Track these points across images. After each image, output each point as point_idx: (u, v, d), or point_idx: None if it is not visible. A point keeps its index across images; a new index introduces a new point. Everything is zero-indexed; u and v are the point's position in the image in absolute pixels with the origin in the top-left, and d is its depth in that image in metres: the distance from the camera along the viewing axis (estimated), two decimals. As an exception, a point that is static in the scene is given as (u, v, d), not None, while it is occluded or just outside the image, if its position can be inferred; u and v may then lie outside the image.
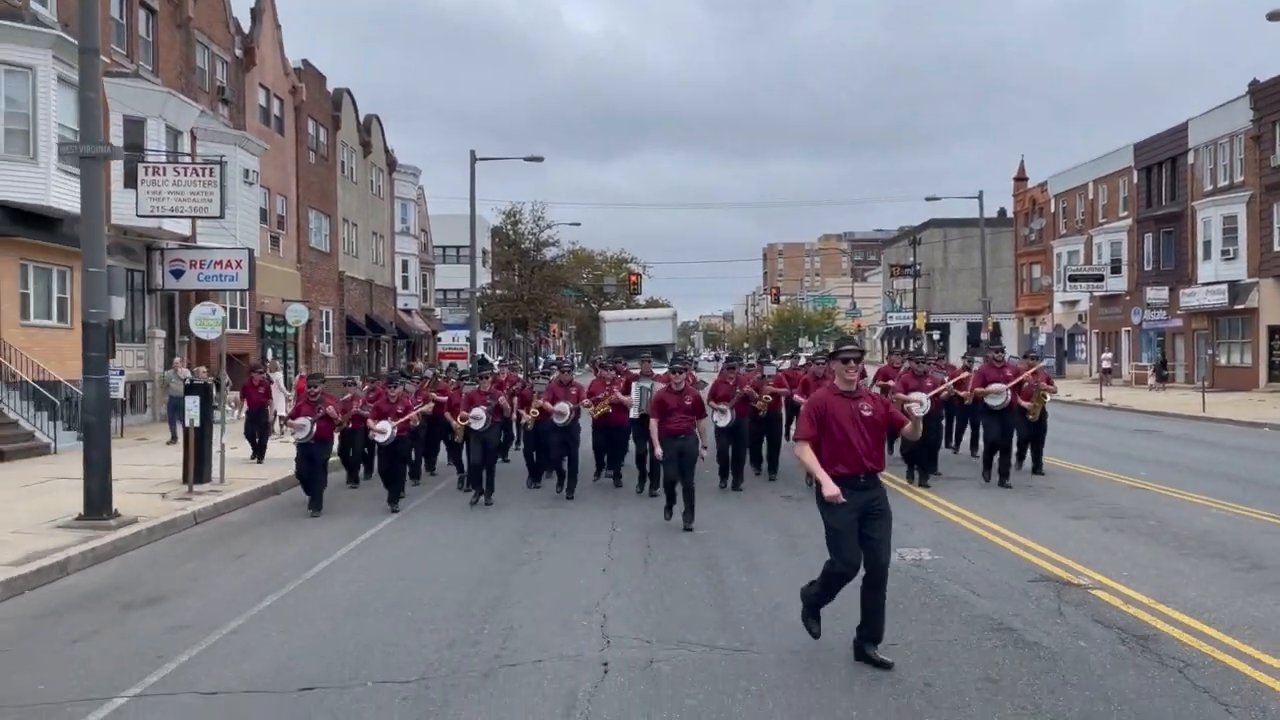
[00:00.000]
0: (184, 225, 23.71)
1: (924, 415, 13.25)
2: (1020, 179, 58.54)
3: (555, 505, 12.63)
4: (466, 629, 7.05)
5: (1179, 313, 39.60)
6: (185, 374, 20.81)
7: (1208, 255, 37.45)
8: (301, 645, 6.79)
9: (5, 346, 18.99)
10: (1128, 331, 44.62)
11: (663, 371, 14.02)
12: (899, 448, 14.02)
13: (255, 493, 13.95)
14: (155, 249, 24.95)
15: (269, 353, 31.63)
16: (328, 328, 38.89)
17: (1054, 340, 52.83)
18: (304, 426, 12.53)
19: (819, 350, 19.05)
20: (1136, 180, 44.16)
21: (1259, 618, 6.91)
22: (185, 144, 24.65)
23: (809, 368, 15.39)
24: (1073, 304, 49.73)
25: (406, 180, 50.47)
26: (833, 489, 6.00)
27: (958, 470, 14.82)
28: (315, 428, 12.58)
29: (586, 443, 13.89)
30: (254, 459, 16.99)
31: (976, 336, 51.14)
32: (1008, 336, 54.09)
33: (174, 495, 13.16)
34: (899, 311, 66.41)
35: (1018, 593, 7.71)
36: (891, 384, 14.11)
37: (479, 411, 12.73)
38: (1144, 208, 43.27)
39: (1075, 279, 45.04)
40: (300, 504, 12.68)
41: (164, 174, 18.71)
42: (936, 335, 62.83)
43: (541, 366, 23.31)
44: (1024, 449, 14.25)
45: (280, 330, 33.30)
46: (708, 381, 15.53)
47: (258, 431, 17.53)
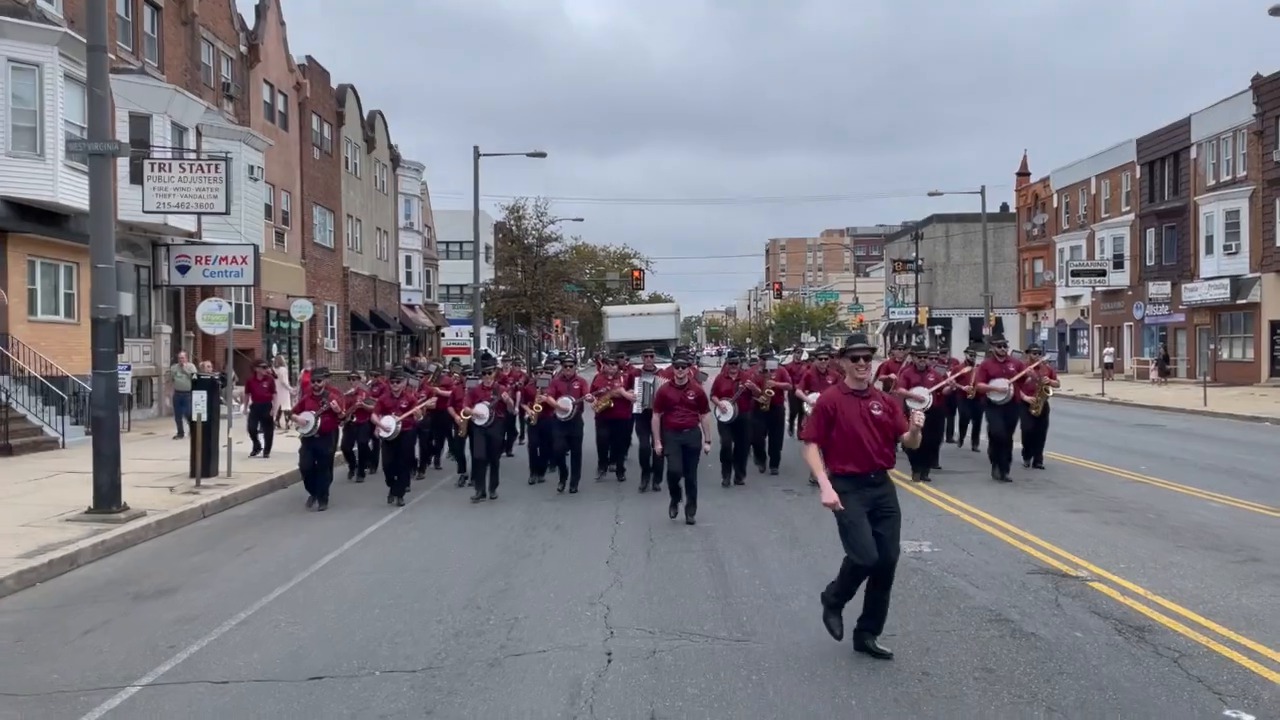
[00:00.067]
0: (189, 221, 23.81)
1: (926, 410, 13.41)
2: (1023, 174, 58.53)
3: (559, 499, 12.72)
4: (472, 620, 7.16)
5: (1181, 308, 39.62)
6: (191, 369, 20.93)
7: (1210, 250, 37.46)
8: (310, 635, 6.90)
9: (13, 342, 19.10)
10: (1130, 326, 44.64)
11: (665, 366, 14.12)
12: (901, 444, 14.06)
13: (262, 486, 14.08)
14: (161, 245, 25.06)
15: (274, 348, 31.78)
16: (332, 323, 39.03)
17: (1056, 335, 52.84)
18: (308, 421, 12.60)
19: (822, 345, 19.12)
20: (1139, 175, 44.15)
21: (1254, 609, 7.01)
22: (190, 140, 24.73)
23: (811, 362, 15.45)
24: (1075, 299, 49.75)
25: (410, 176, 50.54)
26: (831, 496, 6.05)
27: (959, 464, 14.91)
28: (320, 422, 12.65)
29: (590, 437, 13.96)
30: (254, 455, 17.03)
31: (979, 331, 51.12)
32: (1010, 331, 54.12)
33: (182, 489, 13.28)
34: (901, 306, 66.43)
35: (1016, 584, 7.80)
36: (894, 378, 14.15)
37: (482, 408, 12.78)
38: (1146, 202, 43.27)
39: (1077, 274, 45.02)
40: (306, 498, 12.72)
41: (170, 170, 18.71)
42: (939, 330, 62.79)
43: (544, 361, 23.42)
44: (1027, 443, 14.32)
45: (285, 325, 33.44)
46: (708, 373, 15.59)
47: (263, 426, 17.66)
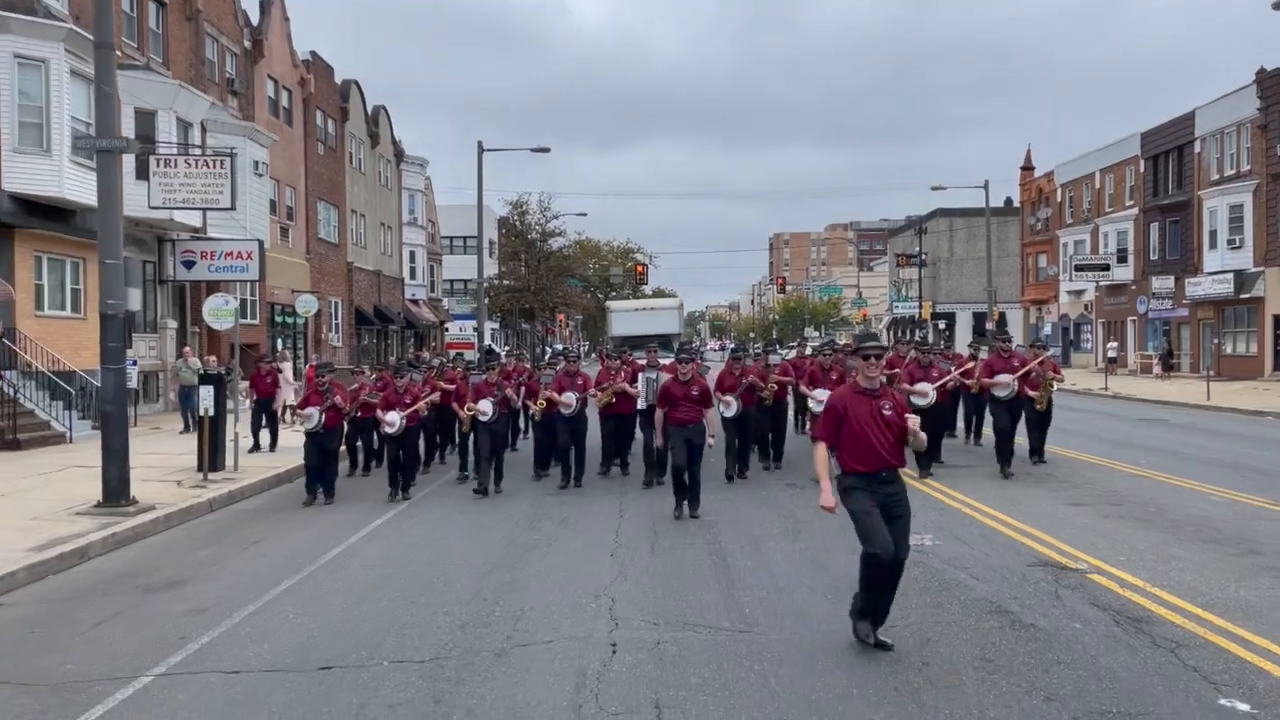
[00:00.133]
0: (195, 217, 23.91)
1: (930, 405, 13.46)
2: (1027, 168, 58.48)
3: (563, 493, 12.79)
4: (478, 611, 7.25)
5: (1185, 302, 39.61)
6: (195, 364, 21.05)
7: (1214, 244, 37.45)
8: (319, 627, 6.99)
9: (20, 337, 19.21)
10: (1133, 321, 44.64)
11: (669, 361, 14.17)
12: None
13: (269, 480, 14.18)
14: (166, 240, 25.19)
15: (279, 343, 31.89)
16: (336, 318, 39.15)
17: (1060, 330, 52.85)
18: (312, 416, 12.64)
19: (825, 340, 19.18)
20: (1143, 169, 44.11)
21: (1251, 601, 7.08)
22: (195, 136, 24.84)
23: (815, 358, 15.49)
24: (1079, 293, 49.74)
25: (414, 171, 50.64)
26: (828, 500, 6.15)
27: (962, 459, 14.97)
28: (324, 418, 12.68)
29: (594, 433, 14.03)
30: (253, 451, 16.73)
31: (982, 326, 51.16)
32: (1013, 326, 54.08)
33: (189, 483, 13.39)
34: (905, 301, 66.35)
35: (1016, 577, 7.88)
36: (898, 373, 14.14)
37: (485, 404, 12.84)
38: (1150, 197, 43.24)
39: (1081, 268, 45.06)
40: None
41: (175, 166, 18.90)
42: (942, 325, 62.79)
43: (548, 356, 23.48)
44: (1031, 438, 14.28)
45: (290, 321, 33.56)
46: (710, 366, 15.62)
47: (267, 421, 17.68)
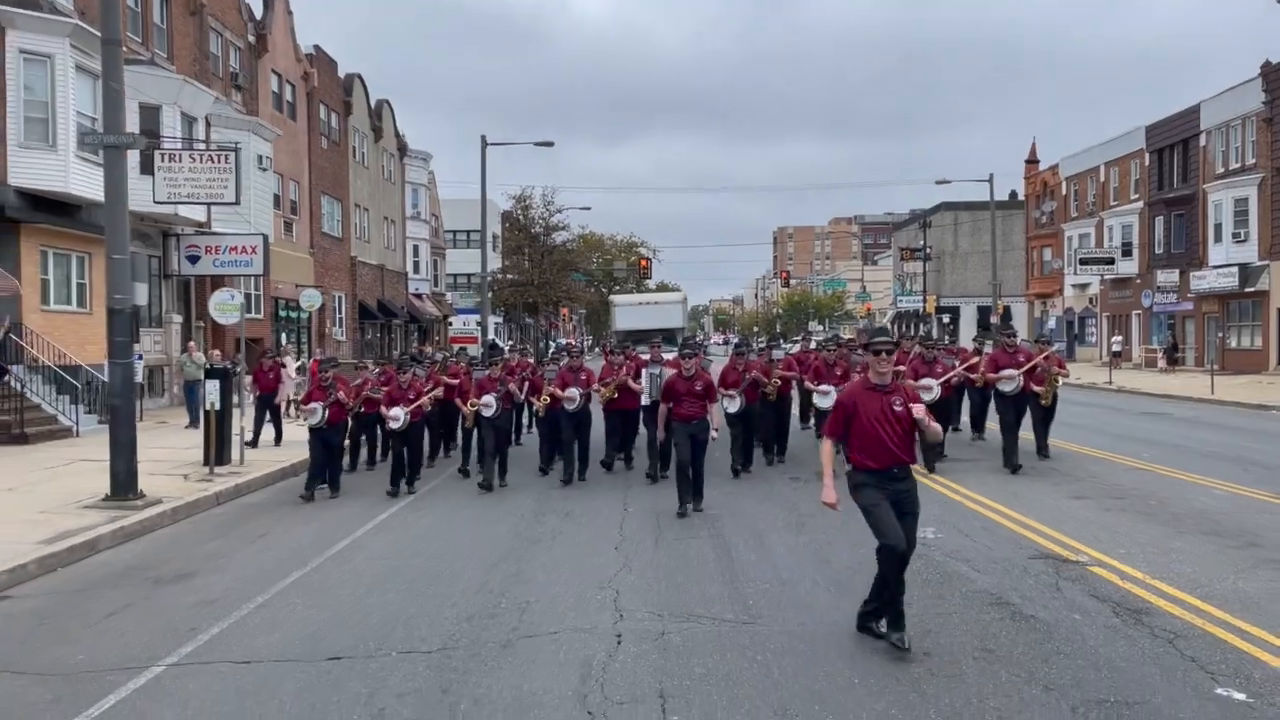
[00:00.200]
0: (199, 211, 23.96)
1: (934, 401, 13.48)
2: (1031, 161, 58.41)
3: (567, 488, 12.83)
4: (485, 603, 7.32)
5: (1189, 296, 39.59)
6: (200, 358, 21.15)
7: (1219, 238, 37.41)
8: (327, 618, 7.07)
9: (27, 332, 19.32)
10: (1138, 315, 44.63)
11: (672, 356, 14.20)
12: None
13: (274, 474, 14.27)
14: (171, 235, 25.26)
15: (283, 337, 31.98)
16: (340, 312, 39.24)
17: (1064, 323, 52.83)
18: (316, 411, 12.63)
19: (829, 335, 19.20)
20: (1148, 163, 44.06)
21: (1250, 592, 7.14)
22: (200, 130, 24.92)
23: (819, 352, 15.53)
24: (1083, 287, 49.71)
25: (417, 165, 50.66)
26: (830, 496, 6.17)
27: (965, 453, 15.02)
28: (327, 413, 12.67)
29: (598, 428, 14.07)
30: (253, 445, 16.62)
31: (987, 320, 51.13)
32: (1018, 320, 54.12)
33: (196, 477, 13.48)
34: (909, 295, 66.35)
35: (1017, 569, 7.94)
36: (902, 369, 14.14)
37: (489, 399, 12.91)
38: (1155, 190, 43.19)
39: (1086, 262, 45.01)
40: (319, 484, 12.66)
41: (180, 161, 18.99)
42: (946, 319, 62.82)
43: (552, 351, 23.56)
44: (1037, 433, 14.27)
45: (294, 315, 33.66)
46: (713, 359, 15.62)
47: (271, 416, 17.72)
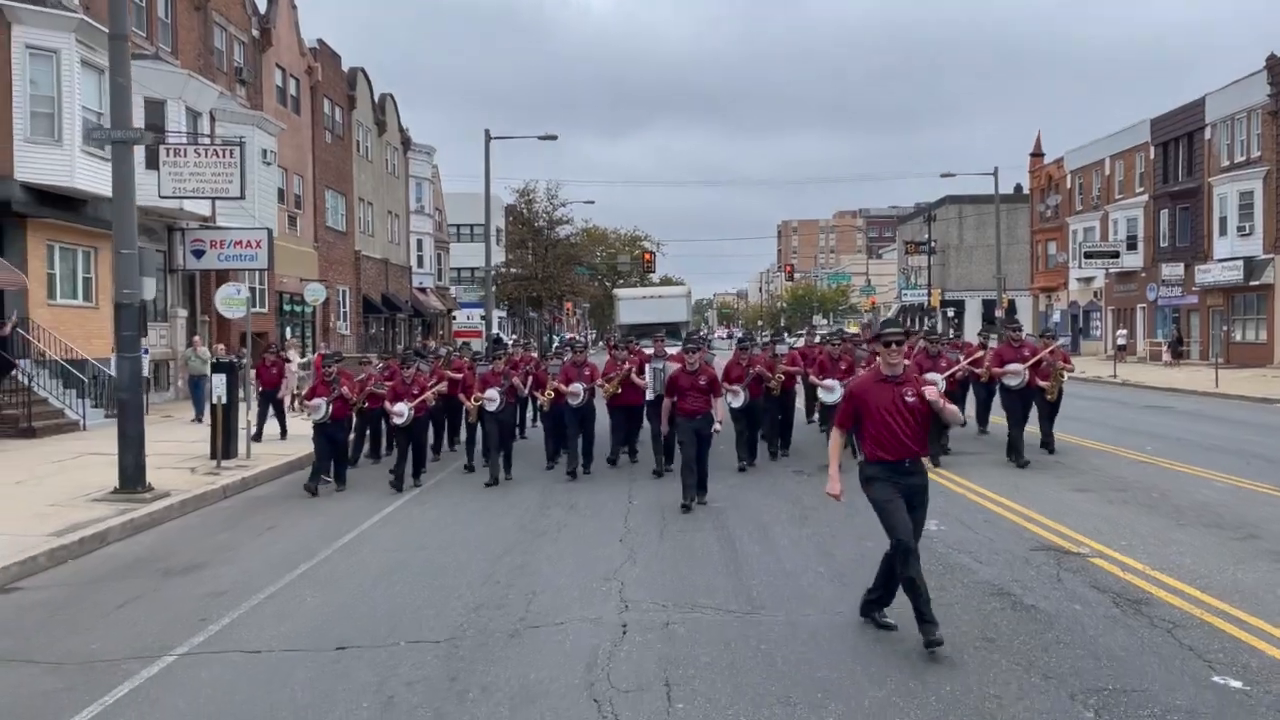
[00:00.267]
0: (204, 206, 24.06)
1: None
2: (1036, 155, 58.29)
3: (572, 481, 12.87)
4: (491, 594, 7.41)
5: (1194, 289, 39.57)
6: (205, 353, 21.24)
7: (1224, 231, 37.38)
8: (336, 609, 7.16)
9: (34, 326, 19.42)
10: (1143, 308, 44.60)
11: (676, 351, 14.25)
12: None
13: (280, 468, 14.37)
14: (176, 229, 25.33)
15: (288, 331, 32.09)
16: (345, 306, 39.33)
17: (1069, 317, 52.79)
18: (319, 407, 12.61)
19: (834, 329, 19.28)
20: (1153, 156, 43.99)
21: (1249, 583, 7.20)
22: (204, 125, 24.97)
23: (824, 346, 15.57)
24: (1088, 280, 49.67)
25: (421, 159, 50.68)
26: (834, 487, 6.22)
27: (969, 446, 15.05)
28: (331, 408, 12.65)
29: (602, 422, 14.11)
30: (256, 439, 16.44)
31: (991, 313, 51.11)
32: (1023, 313, 54.06)
33: (203, 470, 13.57)
34: (914, 289, 66.35)
35: (1019, 560, 8.00)
36: (906, 364, 14.11)
37: (493, 393, 12.94)
38: (1160, 183, 43.14)
39: (1091, 255, 44.89)
40: (325, 479, 12.67)
41: (185, 155, 19.01)
42: (951, 312, 62.81)
43: (556, 346, 23.63)
44: (1042, 427, 14.25)
45: (298, 309, 33.75)
46: (716, 353, 15.63)
47: (274, 410, 17.74)
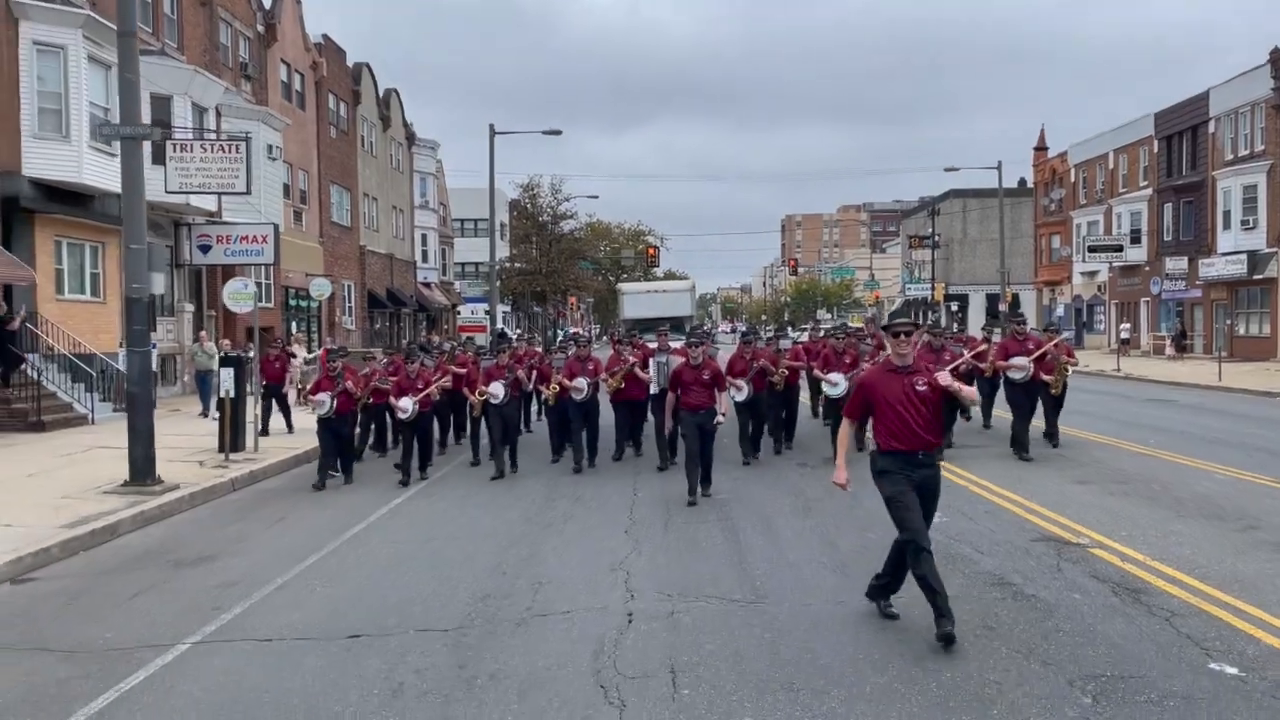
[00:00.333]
0: (210, 201, 24.16)
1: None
2: (1040, 149, 58.23)
3: (578, 474, 12.94)
4: (499, 584, 7.51)
5: (1198, 283, 39.54)
6: (211, 348, 21.36)
7: (1227, 225, 37.35)
8: (346, 598, 7.27)
9: (42, 321, 19.55)
10: (1147, 302, 44.58)
11: (679, 345, 14.35)
12: None
13: (288, 461, 14.48)
14: (183, 225, 25.46)
15: (293, 326, 32.21)
16: (350, 301, 39.46)
17: (1073, 311, 52.79)
18: (324, 402, 12.70)
19: (838, 323, 19.41)
20: (1157, 150, 43.95)
21: (1248, 573, 7.28)
22: (210, 120, 25.07)
23: (828, 340, 15.63)
24: (1092, 274, 49.65)
25: (425, 154, 50.76)
26: (842, 476, 6.31)
27: (972, 439, 15.13)
28: (335, 403, 12.74)
29: (606, 416, 14.18)
30: (263, 434, 16.53)
31: (995, 308, 51.14)
32: (1026, 307, 53.99)
33: (211, 463, 13.70)
34: (917, 283, 66.34)
35: (1019, 551, 8.09)
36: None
37: (497, 387, 13.02)
38: (1164, 177, 43.10)
39: (1094, 249, 44.97)
40: (332, 473, 12.74)
41: (191, 151, 18.99)
42: (955, 306, 62.77)
43: (560, 340, 23.71)
44: (1046, 421, 14.29)
45: (304, 304, 33.86)
46: (720, 347, 15.68)
47: (278, 405, 17.79)
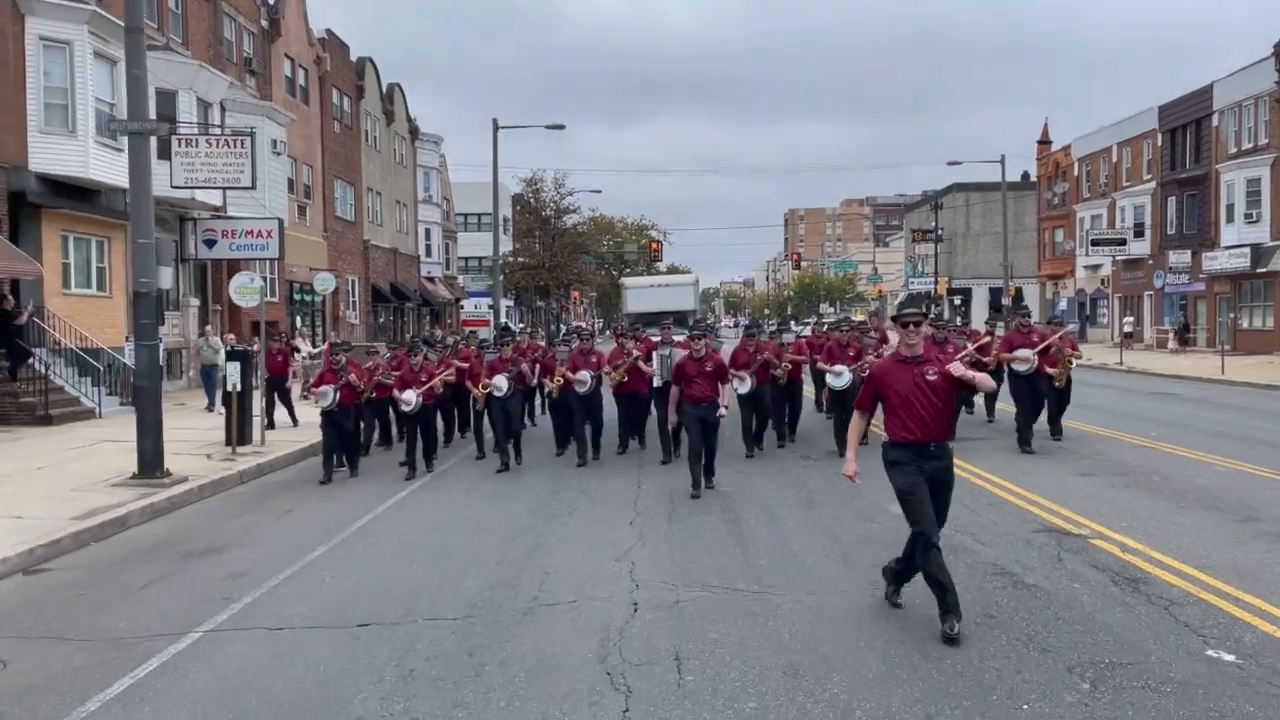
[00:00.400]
0: (215, 196, 24.23)
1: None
2: (1044, 142, 58.17)
3: (582, 467, 13.03)
4: (505, 574, 7.60)
5: (1201, 276, 39.56)
6: (217, 342, 21.46)
7: (1230, 218, 37.34)
8: (354, 588, 7.37)
9: (49, 315, 19.66)
10: (1150, 296, 44.58)
11: (683, 338, 14.39)
12: None
13: (294, 454, 14.58)
14: (188, 219, 25.54)
15: (298, 320, 32.31)
16: (354, 295, 39.55)
17: (1076, 304, 52.76)
18: (327, 394, 12.73)
19: (841, 316, 19.45)
20: (1160, 143, 43.92)
21: (1246, 563, 7.35)
22: (215, 115, 25.16)
23: (831, 333, 15.68)
24: (1095, 268, 49.62)
25: (429, 148, 50.80)
26: (851, 469, 6.38)
27: (975, 432, 15.21)
28: (338, 396, 12.76)
29: (610, 409, 14.24)
30: (269, 427, 16.62)
31: (998, 301, 51.13)
32: (1030, 301, 54.01)
33: (219, 456, 13.80)
34: (920, 277, 66.34)
35: (1020, 542, 8.17)
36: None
37: (500, 380, 13.10)
38: (1167, 171, 43.08)
39: (1098, 243, 44.94)
40: (337, 467, 12.81)
41: (197, 146, 19.12)
42: (958, 300, 62.80)
43: (563, 334, 23.75)
44: (1051, 414, 14.35)
45: (308, 298, 33.97)
46: (724, 342, 15.73)
47: (281, 399, 17.84)
